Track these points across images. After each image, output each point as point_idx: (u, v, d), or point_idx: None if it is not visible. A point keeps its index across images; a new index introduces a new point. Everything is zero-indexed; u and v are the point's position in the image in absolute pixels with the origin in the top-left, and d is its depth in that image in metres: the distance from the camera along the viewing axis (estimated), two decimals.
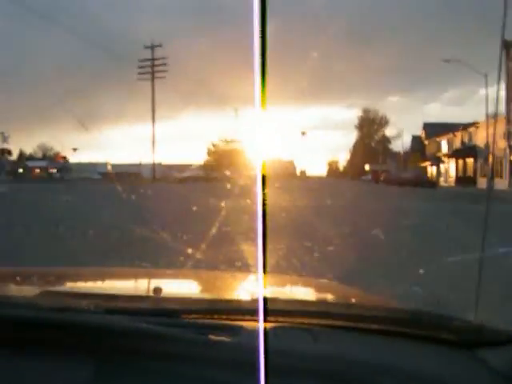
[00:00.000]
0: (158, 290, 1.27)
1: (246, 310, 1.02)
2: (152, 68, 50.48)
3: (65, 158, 76.93)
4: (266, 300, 0.90)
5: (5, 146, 67.00)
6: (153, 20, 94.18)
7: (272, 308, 0.96)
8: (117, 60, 78.81)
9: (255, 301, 0.96)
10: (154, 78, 50.48)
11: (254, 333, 0.86)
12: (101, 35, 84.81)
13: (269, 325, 0.92)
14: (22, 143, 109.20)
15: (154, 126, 51.63)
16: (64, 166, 73.52)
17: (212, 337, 0.91)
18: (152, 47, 50.63)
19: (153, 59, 50.57)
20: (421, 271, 5.53)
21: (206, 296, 1.49)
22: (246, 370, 0.81)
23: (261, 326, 0.78)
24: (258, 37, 0.70)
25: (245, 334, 0.92)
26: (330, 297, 1.59)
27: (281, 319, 0.99)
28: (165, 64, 50.37)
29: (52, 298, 1.06)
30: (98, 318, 0.94)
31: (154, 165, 51.58)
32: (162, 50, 51.35)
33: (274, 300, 1.08)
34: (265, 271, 0.76)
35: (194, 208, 12.84)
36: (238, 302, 1.19)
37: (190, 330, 0.92)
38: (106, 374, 0.86)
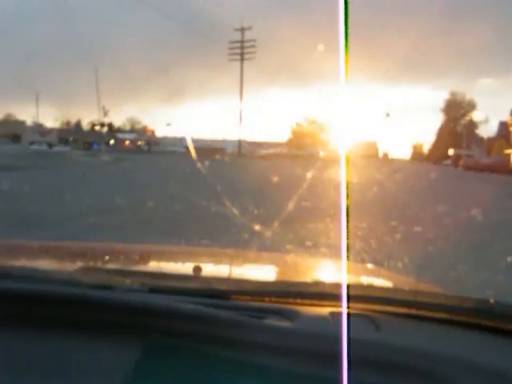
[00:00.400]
0: (206, 270, 1.21)
1: (303, 293, 0.99)
2: (241, 49, 54.60)
3: (153, 131, 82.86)
4: (347, 286, 0.91)
5: (104, 119, 73.42)
6: (241, 2, 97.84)
7: (333, 293, 0.95)
8: (206, 40, 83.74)
9: (312, 284, 1.03)
10: (243, 59, 54.61)
11: (311, 318, 0.90)
12: (192, 18, 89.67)
13: (325, 310, 0.93)
14: (111, 116, 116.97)
15: (241, 104, 55.86)
16: (152, 138, 79.29)
17: (266, 321, 0.88)
18: (242, 30, 54.72)
19: (242, 41, 54.69)
20: (508, 259, 5.40)
21: (259, 278, 1.42)
22: (301, 357, 0.81)
23: (344, 312, 0.77)
24: (342, 16, 0.70)
25: (301, 319, 0.90)
26: (391, 284, 1.52)
27: (337, 304, 0.93)
28: (254, 46, 54.34)
29: (93, 275, 1.03)
30: (142, 296, 0.92)
31: (240, 141, 55.81)
32: (251, 32, 55.21)
33: (336, 285, 1.01)
34: (348, 257, 0.76)
35: (275, 183, 13.78)
36: (293, 285, 1.12)
37: (241, 312, 0.89)
38: (151, 357, 0.82)
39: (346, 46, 0.72)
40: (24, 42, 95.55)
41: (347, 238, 0.77)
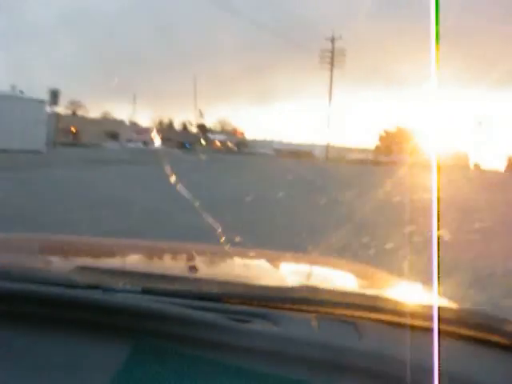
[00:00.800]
0: (199, 271, 1.26)
1: (290, 298, 1.02)
2: (332, 59, 58.28)
3: (242, 133, 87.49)
4: (310, 289, 0.99)
5: (200, 121, 78.76)
6: (331, 11, 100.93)
7: (315, 298, 1.00)
8: (296, 48, 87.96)
9: (300, 289, 1.07)
10: (332, 68, 58.27)
11: (296, 323, 0.94)
12: (283, 26, 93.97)
13: (311, 315, 0.96)
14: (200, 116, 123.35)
15: (329, 110, 59.42)
16: (241, 140, 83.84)
17: (252, 325, 0.91)
18: (332, 39, 58.46)
19: (332, 50, 58.46)
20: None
21: (250, 280, 1.41)
22: (284, 361, 0.85)
23: (435, 332, 0.78)
24: (433, 18, 0.68)
25: (287, 324, 0.93)
26: (376, 288, 1.53)
27: (323, 310, 0.99)
28: (343, 55, 57.95)
29: (88, 275, 1.06)
30: (134, 298, 0.95)
31: (327, 146, 59.19)
32: (341, 41, 58.67)
33: (316, 290, 1.06)
34: (439, 278, 0.75)
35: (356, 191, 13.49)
36: (281, 289, 1.15)
37: (229, 316, 0.92)
38: (139, 359, 0.86)
39: (437, 49, 0.70)
40: (122, 45, 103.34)
41: (439, 256, 0.71)
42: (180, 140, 76.92)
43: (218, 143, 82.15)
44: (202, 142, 79.84)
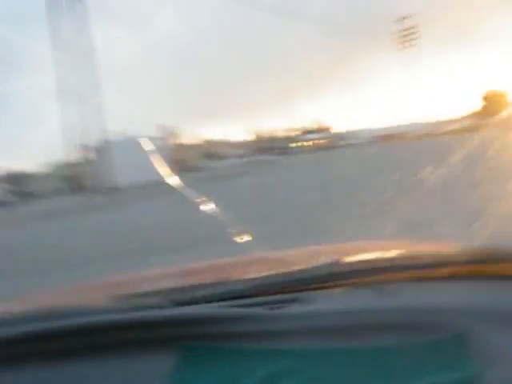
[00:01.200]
0: (223, 276, 1.34)
1: (318, 277, 1.08)
2: (403, 38, 59.82)
3: (329, 128, 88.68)
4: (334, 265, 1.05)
5: (294, 124, 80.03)
6: None
7: (340, 271, 1.08)
8: (371, 35, 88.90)
9: (324, 266, 1.13)
10: (407, 46, 59.61)
11: (327, 298, 1.00)
12: (352, 17, 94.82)
13: (340, 289, 1.03)
14: (294, 120, 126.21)
15: (418, 86, 60.20)
16: (336, 134, 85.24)
17: (288, 310, 0.97)
18: (401, 19, 60.07)
19: (403, 30, 60.04)
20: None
21: (273, 272, 1.40)
22: (327, 335, 0.89)
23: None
24: None
25: (321, 301, 0.98)
26: (392, 253, 1.51)
27: (351, 281, 1.05)
28: (415, 32, 59.21)
29: (120, 301, 1.11)
30: (170, 311, 1.01)
31: (423, 123, 59.62)
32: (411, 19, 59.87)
33: (340, 264, 1.13)
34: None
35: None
36: (304, 271, 1.19)
37: (265, 307, 0.97)
38: (196, 362, 0.91)
39: None
40: (202, 69, 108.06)
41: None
42: (276, 146, 79.58)
43: (315, 142, 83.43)
44: (299, 144, 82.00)
